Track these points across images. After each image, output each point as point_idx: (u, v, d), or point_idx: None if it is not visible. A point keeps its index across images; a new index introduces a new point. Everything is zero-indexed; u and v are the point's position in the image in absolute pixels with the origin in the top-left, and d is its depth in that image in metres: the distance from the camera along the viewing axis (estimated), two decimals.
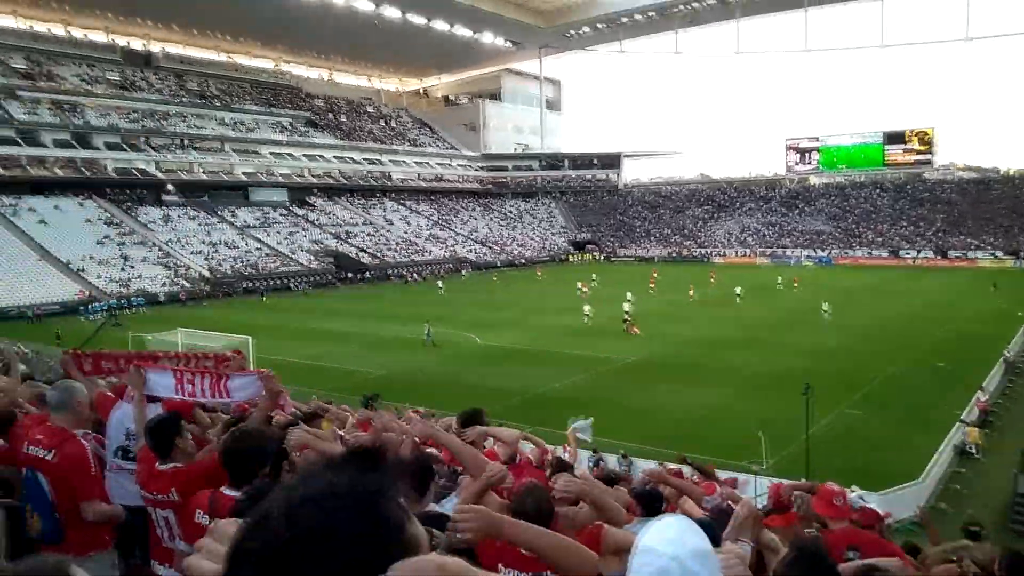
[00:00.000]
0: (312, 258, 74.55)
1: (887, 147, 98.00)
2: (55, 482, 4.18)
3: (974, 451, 20.76)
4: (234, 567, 0.86)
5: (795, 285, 55.23)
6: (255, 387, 4.95)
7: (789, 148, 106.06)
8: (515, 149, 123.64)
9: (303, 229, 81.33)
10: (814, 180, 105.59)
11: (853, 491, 7.99)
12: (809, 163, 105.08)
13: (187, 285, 60.39)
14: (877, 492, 13.69)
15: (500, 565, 2.94)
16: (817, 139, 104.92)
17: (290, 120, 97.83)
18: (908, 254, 79.48)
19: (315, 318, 46.42)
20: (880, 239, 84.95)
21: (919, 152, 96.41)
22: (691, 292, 51.71)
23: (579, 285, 55.45)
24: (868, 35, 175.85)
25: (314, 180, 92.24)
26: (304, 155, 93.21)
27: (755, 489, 14.70)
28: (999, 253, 73.73)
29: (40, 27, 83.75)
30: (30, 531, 4.11)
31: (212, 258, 67.19)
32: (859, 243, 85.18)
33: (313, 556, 0.83)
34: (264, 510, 0.89)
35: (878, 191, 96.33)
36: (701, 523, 2.16)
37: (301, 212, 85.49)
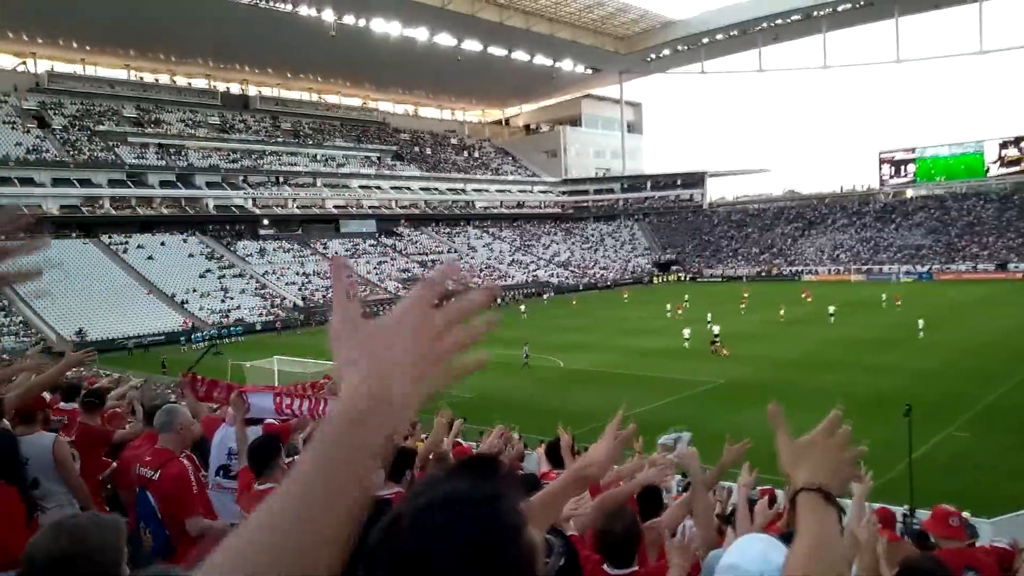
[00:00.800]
0: (400, 286, 76.48)
1: (989, 155, 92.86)
2: (161, 500, 4.48)
3: None
4: (369, 571, 0.89)
5: (897, 303, 52.66)
6: None
7: (883, 161, 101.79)
8: (596, 173, 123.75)
9: (391, 258, 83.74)
10: (910, 193, 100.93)
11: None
12: (904, 175, 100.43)
13: (282, 314, 62.99)
14: (989, 519, 12.96)
15: None
16: (913, 150, 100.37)
17: (377, 154, 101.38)
18: (1017, 267, 74.66)
19: None
20: (986, 252, 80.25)
21: None
22: (781, 312, 50.19)
23: (671, 307, 54.73)
24: (963, 41, 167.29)
25: (400, 211, 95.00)
26: (391, 187, 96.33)
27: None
28: None
29: (148, 77, 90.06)
30: (144, 546, 4.40)
31: (305, 288, 69.95)
32: (961, 257, 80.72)
33: (438, 558, 0.86)
34: (393, 515, 0.92)
35: (981, 202, 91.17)
36: (783, 537, 2.16)
37: (389, 242, 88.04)
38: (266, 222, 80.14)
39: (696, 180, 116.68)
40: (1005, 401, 25.91)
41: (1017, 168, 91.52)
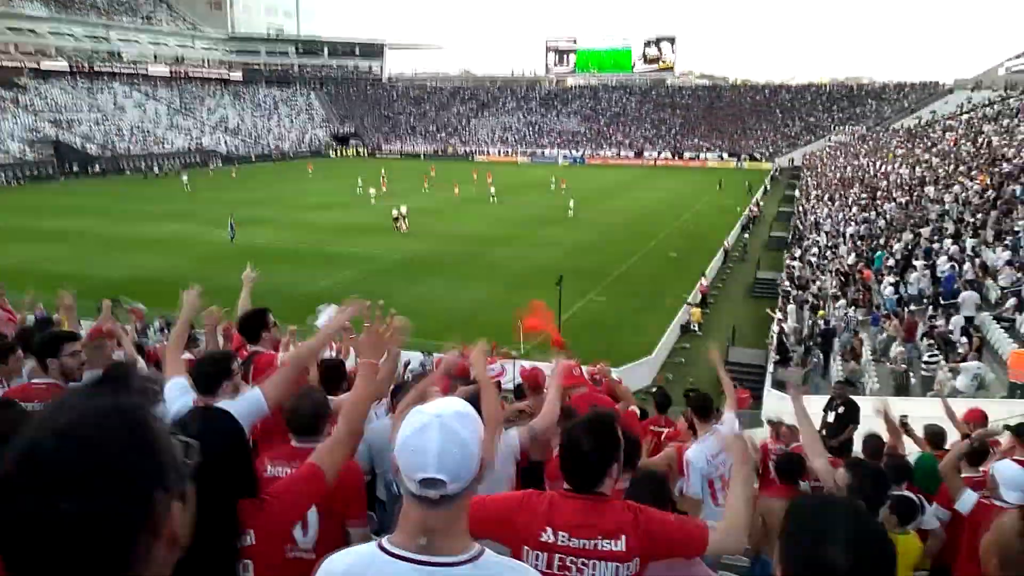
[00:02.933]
0: (26, 148, 64.16)
1: (635, 53, 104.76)
2: None
3: (696, 328, 23.67)
4: (5, 498, 0.87)
5: (563, 187, 56.07)
6: None
7: (549, 49, 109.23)
8: (268, 33, 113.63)
9: (12, 115, 69.27)
10: (570, 82, 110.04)
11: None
12: (567, 65, 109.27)
13: None
14: (618, 367, 15.11)
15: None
16: (574, 40, 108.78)
17: None
18: (650, 155, 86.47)
19: (35, 215, 40.52)
20: (627, 140, 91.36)
21: (662, 59, 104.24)
22: (456, 191, 52.15)
23: (362, 182, 52.56)
24: None
25: (23, 57, 78.26)
26: (8, 27, 78.27)
27: (515, 374, 15.50)
28: (724, 155, 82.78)
29: None
30: None
31: None
32: (609, 144, 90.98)
33: (92, 469, 0.88)
34: (31, 438, 0.90)
35: (627, 95, 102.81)
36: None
37: (9, 95, 72.50)
38: None
39: (375, 51, 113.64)
40: (633, 270, 30.32)
41: (656, 66, 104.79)
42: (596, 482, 2.36)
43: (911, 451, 6.13)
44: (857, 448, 6.64)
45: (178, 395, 3.31)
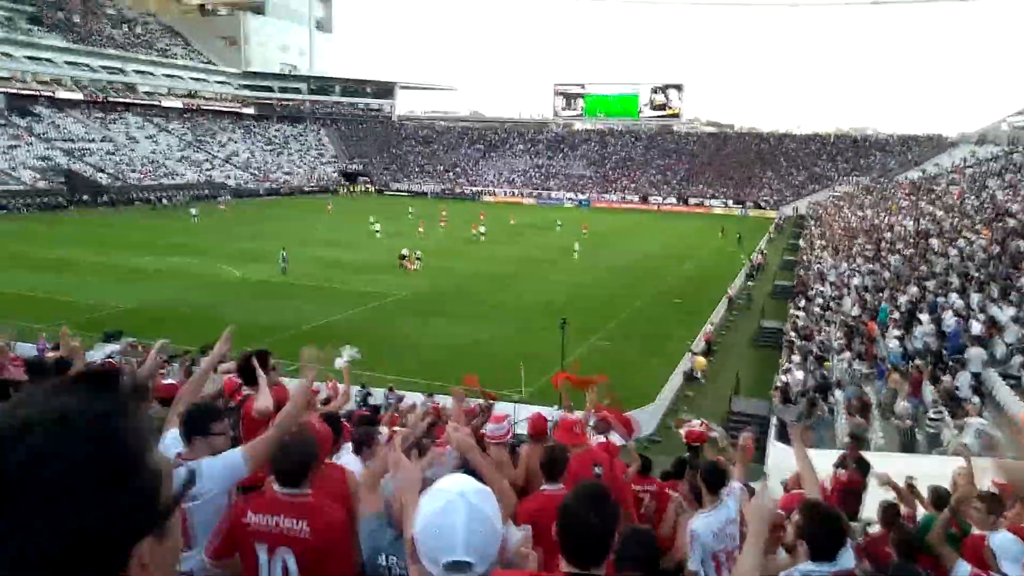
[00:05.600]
0: (38, 176, 64.85)
1: (642, 99, 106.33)
2: None
3: (699, 376, 23.53)
4: None
5: (584, 231, 53.19)
6: None
7: (557, 93, 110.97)
8: (282, 70, 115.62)
9: (26, 143, 70.21)
10: (578, 126, 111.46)
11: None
12: (575, 109, 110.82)
13: None
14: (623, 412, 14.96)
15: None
16: (583, 86, 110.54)
17: (8, 13, 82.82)
18: (655, 200, 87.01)
19: (45, 245, 40.86)
20: (633, 185, 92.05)
21: (669, 106, 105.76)
22: (475, 230, 51.74)
23: (374, 219, 52.56)
24: None
25: (40, 87, 79.62)
26: (27, 56, 79.81)
27: (516, 414, 15.40)
28: (729, 202, 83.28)
29: None
30: None
31: None
32: (614, 188, 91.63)
33: (40, 483, 0.75)
34: None
35: (633, 140, 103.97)
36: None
37: (23, 123, 73.60)
38: None
39: (386, 90, 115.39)
40: (637, 315, 30.32)
41: (663, 112, 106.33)
42: (602, 559, 2.24)
43: (921, 513, 6.04)
44: (871, 510, 6.50)
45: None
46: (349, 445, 4.85)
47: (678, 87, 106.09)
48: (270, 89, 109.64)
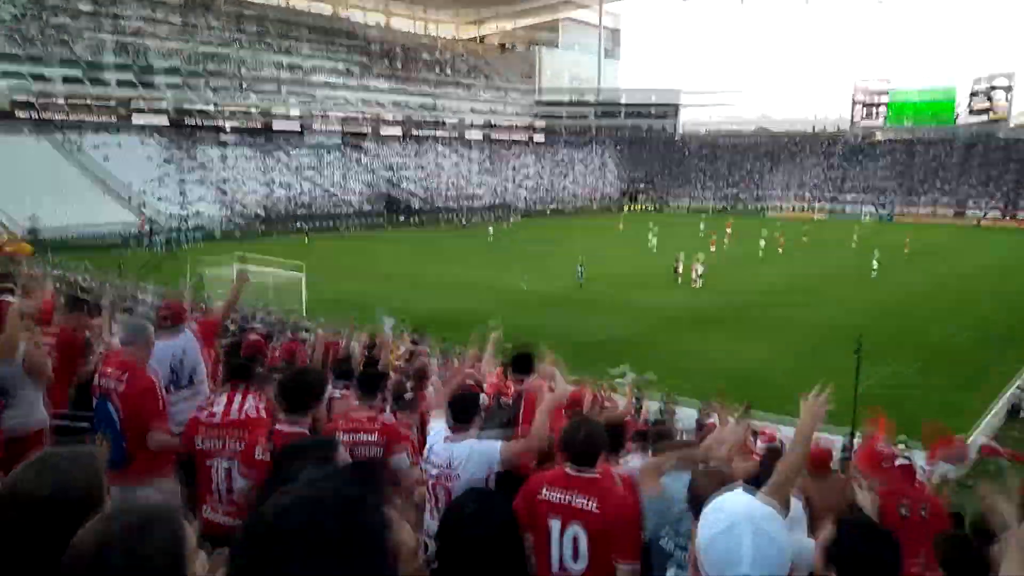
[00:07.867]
0: (363, 199, 75.36)
1: (959, 100, 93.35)
2: (124, 410, 4.38)
3: None
4: (233, 561, 0.95)
5: (905, 250, 49.01)
6: None
7: (855, 102, 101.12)
8: (571, 97, 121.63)
9: (356, 171, 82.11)
10: (879, 136, 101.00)
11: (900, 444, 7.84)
12: (876, 117, 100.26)
13: (241, 223, 61.78)
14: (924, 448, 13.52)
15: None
16: (888, 80, 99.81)
17: (345, 64, 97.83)
18: (973, 213, 76.15)
19: (369, 257, 47.41)
20: (945, 198, 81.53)
21: (993, 109, 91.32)
22: (762, 244, 50.52)
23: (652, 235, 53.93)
24: None
25: (367, 123, 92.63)
26: (359, 98, 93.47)
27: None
28: None
29: None
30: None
31: (268, 197, 68.53)
32: (923, 201, 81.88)
33: (297, 555, 0.92)
34: (260, 512, 0.99)
35: (947, 147, 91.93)
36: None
37: (354, 154, 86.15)
38: (228, 127, 77.41)
39: (670, 109, 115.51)
40: (948, 342, 26.78)
41: (986, 117, 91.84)
42: None
43: None
44: None
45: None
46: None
47: (1007, 83, 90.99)
48: (560, 116, 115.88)
